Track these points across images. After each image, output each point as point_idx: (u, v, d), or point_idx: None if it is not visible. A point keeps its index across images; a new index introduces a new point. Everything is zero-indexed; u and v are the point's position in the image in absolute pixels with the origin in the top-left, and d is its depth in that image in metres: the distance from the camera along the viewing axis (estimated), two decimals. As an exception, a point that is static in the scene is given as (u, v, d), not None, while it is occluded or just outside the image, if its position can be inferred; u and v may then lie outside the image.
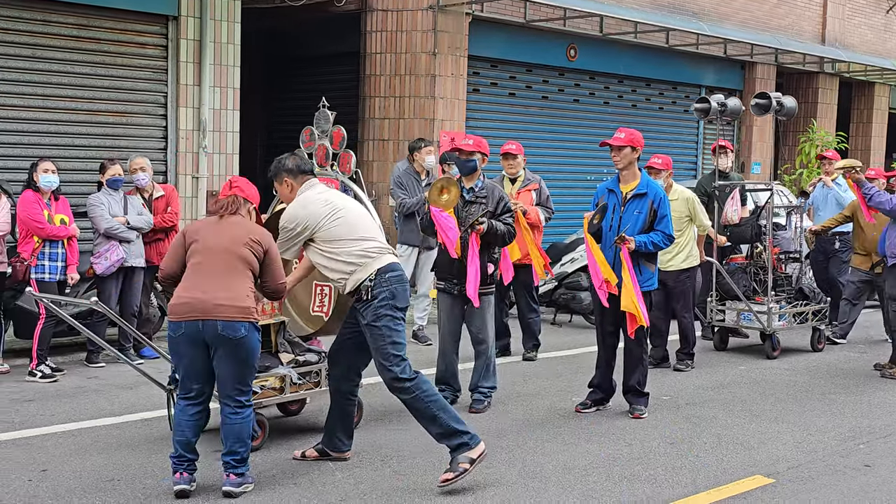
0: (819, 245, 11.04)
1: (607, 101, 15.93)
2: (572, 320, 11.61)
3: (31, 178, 8.13)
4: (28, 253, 7.98)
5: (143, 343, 7.12)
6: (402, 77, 13.15)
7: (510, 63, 14.36)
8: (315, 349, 6.61)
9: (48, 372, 7.96)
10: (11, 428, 6.56)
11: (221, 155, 10.90)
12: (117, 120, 10.33)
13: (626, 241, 6.91)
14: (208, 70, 10.64)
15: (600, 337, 7.37)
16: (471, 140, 7.29)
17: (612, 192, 7.24)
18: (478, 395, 7.32)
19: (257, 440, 6.06)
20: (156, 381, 6.29)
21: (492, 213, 7.13)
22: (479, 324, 7.26)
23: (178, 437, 5.32)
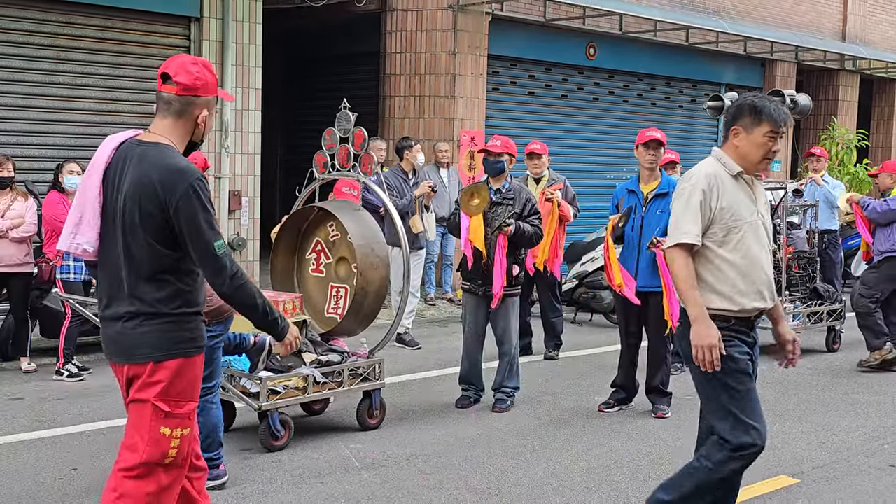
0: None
1: (627, 99, 15.91)
2: (593, 319, 11.63)
3: (57, 179, 8.23)
4: (53, 253, 8.08)
5: None
6: (422, 76, 13.19)
7: (530, 62, 14.37)
8: (338, 349, 6.66)
9: (75, 371, 8.06)
10: (41, 427, 6.65)
11: (243, 155, 10.97)
12: (141, 121, 10.39)
13: (660, 243, 6.92)
14: (230, 71, 10.71)
15: (623, 336, 7.40)
16: (499, 141, 7.31)
17: (632, 192, 7.25)
18: (501, 395, 7.36)
19: (282, 440, 6.12)
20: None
21: (518, 214, 7.17)
22: (504, 324, 7.30)
23: (219, 434, 5.38)
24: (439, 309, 12.17)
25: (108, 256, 3.68)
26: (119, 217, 3.61)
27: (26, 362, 8.30)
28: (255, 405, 6.01)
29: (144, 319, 3.59)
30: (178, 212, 3.53)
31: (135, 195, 3.57)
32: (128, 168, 3.63)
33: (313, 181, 7.16)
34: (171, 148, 3.65)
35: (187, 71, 3.68)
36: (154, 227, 3.56)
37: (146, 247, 3.57)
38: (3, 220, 8.15)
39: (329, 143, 7.06)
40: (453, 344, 9.80)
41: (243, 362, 6.12)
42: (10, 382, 7.89)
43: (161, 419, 3.58)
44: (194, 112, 3.71)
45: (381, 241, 6.74)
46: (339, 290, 6.84)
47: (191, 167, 3.59)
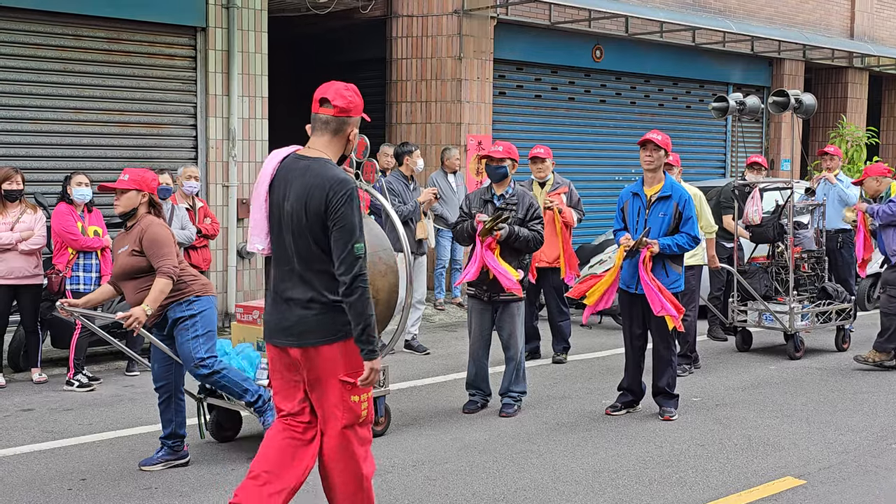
0: (825, 244, 10.83)
1: (634, 100, 15.91)
2: (602, 321, 11.63)
3: (65, 191, 8.31)
4: (63, 265, 8.15)
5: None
6: (429, 82, 13.24)
7: (536, 65, 14.40)
8: None
9: (85, 381, 8.13)
10: (50, 437, 6.71)
11: (251, 163, 11.03)
12: (148, 131, 10.49)
13: (649, 244, 6.94)
14: (237, 80, 10.76)
15: (628, 339, 7.41)
16: (501, 147, 7.35)
17: (636, 195, 7.27)
18: (508, 400, 7.38)
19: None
20: (188, 392, 6.39)
21: (521, 219, 7.19)
22: (509, 329, 7.32)
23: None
24: (448, 314, 12.20)
25: (279, 254, 4.33)
26: (287, 220, 4.24)
27: (37, 373, 8.37)
28: (261, 414, 6.04)
29: (317, 309, 4.23)
30: (335, 213, 4.15)
31: (300, 201, 4.19)
32: (292, 179, 4.25)
33: None
34: (330, 161, 4.29)
35: (342, 95, 4.37)
36: (318, 228, 4.19)
37: (312, 246, 4.21)
38: (13, 232, 8.21)
39: None
40: (461, 349, 9.81)
41: (248, 371, 6.15)
42: (21, 393, 7.95)
43: (349, 390, 4.29)
44: (347, 130, 4.37)
45: (387, 248, 6.72)
46: None
47: (347, 178, 4.23)
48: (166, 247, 5.76)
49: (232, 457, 6.21)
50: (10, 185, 8.28)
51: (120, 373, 8.63)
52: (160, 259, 5.70)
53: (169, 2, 10.34)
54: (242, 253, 10.99)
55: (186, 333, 5.77)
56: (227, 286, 10.91)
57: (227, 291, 10.89)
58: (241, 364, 6.15)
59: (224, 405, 6.29)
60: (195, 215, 9.10)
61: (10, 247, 8.18)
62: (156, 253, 5.72)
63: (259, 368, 6.17)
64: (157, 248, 5.74)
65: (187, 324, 5.76)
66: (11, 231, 8.21)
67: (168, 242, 5.80)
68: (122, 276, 5.82)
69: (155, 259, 5.71)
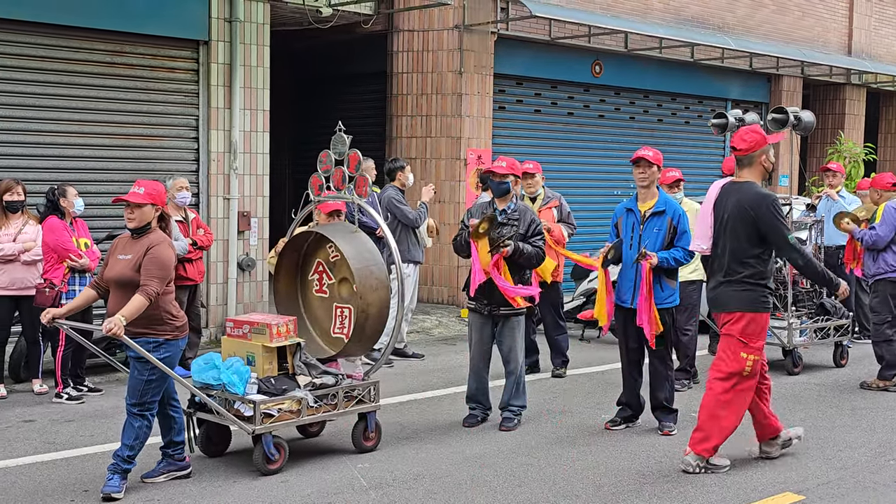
0: (826, 261, 10.81)
1: (633, 116, 15.99)
2: (600, 336, 11.65)
3: (56, 204, 8.24)
4: (58, 279, 8.11)
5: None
6: (429, 96, 13.30)
7: (535, 80, 14.47)
8: (333, 371, 6.64)
9: (75, 394, 8.13)
10: (52, 448, 6.73)
11: (252, 176, 11.08)
12: (151, 143, 10.54)
13: (648, 256, 6.99)
14: (238, 93, 10.82)
15: (624, 354, 7.44)
16: (504, 162, 7.38)
17: (630, 211, 7.33)
18: (508, 414, 7.41)
19: (277, 463, 6.14)
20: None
21: (523, 235, 7.24)
22: (510, 343, 7.36)
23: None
24: (447, 326, 12.24)
25: (717, 250, 6.33)
26: (725, 226, 6.24)
27: (38, 384, 8.38)
28: (250, 429, 6.03)
29: (734, 286, 6.20)
30: (763, 220, 6.11)
31: (735, 213, 6.19)
32: (729, 197, 6.25)
33: (309, 203, 7.24)
34: (755, 183, 6.26)
35: (743, 139, 6.25)
36: (746, 231, 6.16)
37: (740, 244, 6.17)
38: (15, 243, 8.25)
39: (324, 166, 7.10)
40: (461, 362, 9.86)
41: (237, 386, 6.13)
42: (23, 405, 7.97)
43: (741, 347, 6.19)
44: (758, 159, 6.27)
45: (379, 263, 6.78)
46: (343, 309, 6.88)
47: (769, 194, 6.21)
48: (162, 271, 5.71)
49: (231, 470, 6.23)
50: (12, 196, 8.31)
51: (121, 384, 8.64)
52: (149, 279, 5.65)
53: (172, 15, 10.40)
54: (243, 265, 11.02)
55: (142, 374, 5.74)
56: (227, 298, 10.94)
57: (227, 303, 10.92)
58: (232, 378, 6.11)
59: (214, 420, 6.27)
60: (188, 227, 9.07)
61: (12, 258, 8.22)
62: (149, 272, 5.67)
63: (249, 383, 6.16)
64: (153, 268, 5.68)
65: (148, 364, 5.71)
66: (14, 242, 8.25)
67: (167, 268, 5.75)
68: (116, 283, 5.78)
69: (144, 276, 5.66)
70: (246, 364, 6.30)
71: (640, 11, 15.10)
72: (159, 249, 5.76)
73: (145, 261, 5.70)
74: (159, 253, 5.74)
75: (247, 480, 6.00)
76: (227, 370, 6.19)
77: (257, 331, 6.40)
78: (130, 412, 5.77)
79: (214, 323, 10.81)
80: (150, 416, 5.82)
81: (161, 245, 5.78)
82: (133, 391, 5.75)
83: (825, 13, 18.57)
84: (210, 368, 6.24)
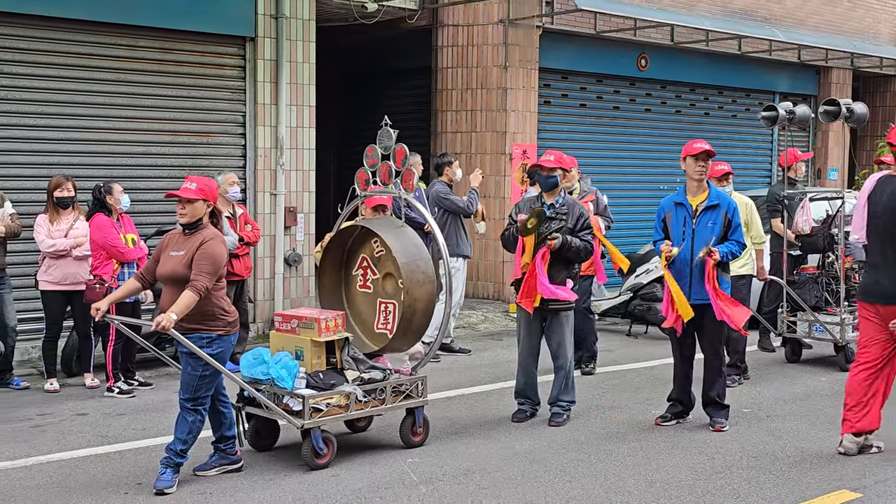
0: None
1: (679, 109, 15.84)
2: (648, 331, 11.57)
3: (102, 200, 8.32)
4: (109, 275, 8.20)
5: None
6: (474, 91, 13.27)
7: (581, 74, 14.39)
8: (380, 366, 6.63)
9: (126, 388, 8.23)
10: (106, 442, 6.81)
11: (298, 172, 11.13)
12: (198, 140, 10.62)
13: (713, 252, 6.90)
14: (285, 89, 10.87)
15: (677, 350, 7.36)
16: (552, 156, 7.33)
17: (679, 205, 7.23)
18: (557, 409, 7.37)
19: (325, 457, 6.15)
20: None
21: (571, 229, 7.18)
22: (559, 338, 7.32)
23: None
24: (493, 322, 12.22)
25: (872, 245, 6.45)
26: (878, 220, 6.35)
27: (90, 378, 8.49)
28: (298, 423, 6.05)
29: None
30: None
31: (889, 207, 6.29)
32: (884, 189, 6.35)
33: (355, 198, 7.22)
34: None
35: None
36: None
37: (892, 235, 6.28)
38: (66, 239, 8.34)
39: (371, 160, 7.09)
40: (507, 357, 9.84)
41: (286, 380, 6.16)
42: (75, 398, 8.08)
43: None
44: None
45: (425, 258, 6.74)
46: (387, 305, 6.86)
47: None
48: (213, 266, 5.72)
49: (280, 464, 6.26)
50: (62, 192, 8.39)
51: (171, 378, 8.71)
52: (199, 274, 5.66)
53: (219, 13, 10.47)
54: (290, 260, 11.07)
55: (196, 369, 5.77)
56: (273, 293, 11.00)
57: (274, 299, 10.98)
58: (280, 373, 6.13)
59: (263, 414, 6.30)
60: (236, 222, 9.14)
61: (64, 253, 8.32)
62: (200, 267, 5.69)
63: (298, 378, 6.18)
64: (204, 263, 5.70)
65: (200, 360, 5.74)
66: (65, 237, 8.35)
67: (217, 264, 5.76)
68: (169, 279, 5.82)
69: (195, 271, 5.68)
70: (294, 359, 6.32)
71: (686, 4, 14.94)
72: (211, 245, 5.78)
73: (196, 256, 5.73)
74: (211, 248, 5.77)
75: (297, 474, 6.02)
76: (275, 365, 6.22)
77: (305, 325, 6.42)
78: (184, 407, 5.81)
79: (262, 318, 10.88)
80: (203, 410, 5.86)
81: (213, 241, 5.81)
82: (186, 386, 5.79)
83: (876, 4, 18.25)
84: (259, 363, 6.27)
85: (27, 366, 9.05)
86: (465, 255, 9.89)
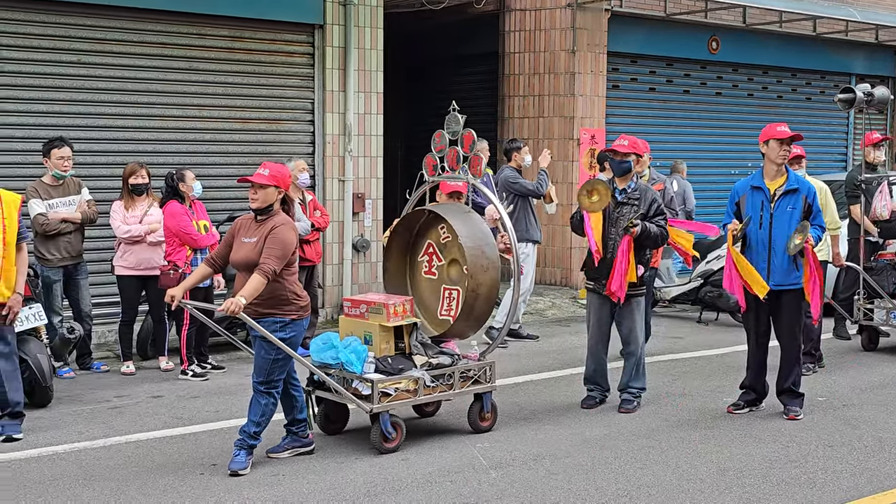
0: None
1: (751, 92, 15.59)
2: (718, 318, 11.43)
3: (175, 188, 8.46)
4: (182, 261, 8.36)
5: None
6: (542, 76, 13.22)
7: (650, 58, 14.23)
8: (448, 351, 6.66)
9: (199, 371, 8.39)
10: (180, 423, 6.95)
11: (366, 158, 11.20)
12: (268, 126, 10.76)
13: (809, 240, 6.81)
14: (353, 76, 10.94)
15: (752, 336, 7.26)
16: (626, 141, 7.26)
17: (757, 188, 7.12)
18: (627, 395, 7.34)
19: (393, 442, 6.20)
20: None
21: (644, 215, 7.13)
22: (629, 324, 7.27)
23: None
24: (560, 308, 12.18)
25: None
26: None
27: (165, 361, 8.67)
28: (367, 407, 6.11)
29: None
30: None
31: None
32: None
33: (423, 184, 7.24)
34: None
35: None
36: None
37: None
38: (141, 225, 8.51)
39: (438, 146, 7.10)
40: (575, 343, 9.81)
41: (355, 365, 6.22)
42: (151, 381, 8.26)
43: None
44: None
45: (491, 244, 6.74)
46: (451, 291, 6.87)
47: None
48: (282, 250, 5.78)
49: (351, 447, 6.33)
50: (136, 179, 8.55)
51: (243, 362, 8.86)
52: (268, 258, 5.72)
53: (289, 1, 10.56)
54: (358, 246, 11.16)
55: (269, 353, 5.84)
56: (342, 279, 11.11)
57: (343, 284, 11.09)
58: (349, 357, 6.20)
59: (332, 398, 6.37)
60: (305, 208, 9.25)
61: (139, 239, 8.49)
62: (269, 251, 5.75)
63: (367, 362, 6.24)
64: (274, 247, 5.76)
65: (273, 344, 5.81)
66: (140, 224, 8.52)
67: (287, 249, 5.82)
68: (243, 265, 5.91)
69: (264, 255, 5.74)
70: (363, 343, 6.38)
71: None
72: (282, 230, 5.85)
73: (267, 240, 5.81)
74: (281, 233, 5.84)
75: (368, 458, 6.09)
76: (344, 349, 6.29)
77: (374, 310, 6.47)
78: (257, 390, 5.91)
79: (330, 303, 11.00)
80: (276, 393, 5.95)
81: (284, 227, 5.88)
82: (260, 370, 5.88)
83: (957, -19, 17.71)
84: (328, 348, 6.34)
85: (103, 349, 9.28)
86: (534, 240, 9.87)
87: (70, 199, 8.48)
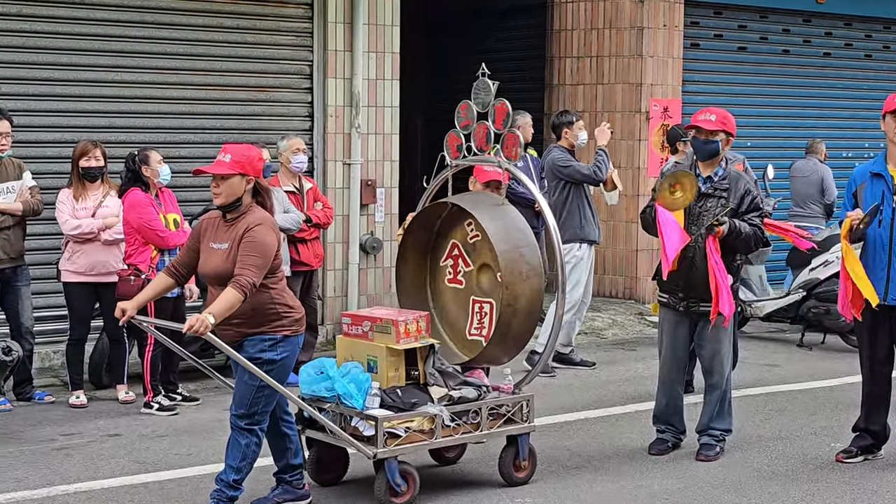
0: None
1: (869, 53, 15.55)
2: (825, 341, 11.39)
3: (137, 172, 8.48)
4: (146, 264, 8.37)
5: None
6: (601, 31, 13.22)
7: (740, 8, 14.21)
8: (475, 381, 6.63)
9: (166, 404, 8.43)
10: (143, 469, 7.01)
11: (378, 136, 11.23)
12: (254, 96, 10.80)
13: None
14: (361, 32, 10.97)
15: (867, 365, 7.25)
16: (713, 115, 7.19)
17: (877, 175, 7.10)
18: (707, 439, 7.34)
19: (404, 496, 6.18)
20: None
21: (734, 210, 7.11)
22: (714, 347, 7.26)
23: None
24: (623, 327, 12.19)
25: None
26: None
27: (123, 391, 8.72)
28: (370, 452, 6.08)
29: None
30: None
31: None
32: None
33: (445, 168, 7.19)
34: None
35: None
36: None
37: None
38: (94, 219, 8.53)
39: (464, 121, 7.03)
40: (643, 372, 9.82)
41: (355, 398, 6.18)
42: (106, 415, 8.33)
43: None
44: None
45: (531, 245, 6.70)
46: (482, 305, 6.83)
47: None
48: (262, 257, 5.77)
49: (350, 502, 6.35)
50: (89, 161, 8.51)
51: (222, 392, 8.90)
52: (244, 268, 5.69)
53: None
54: (367, 247, 11.17)
55: (253, 379, 5.83)
56: (346, 288, 11.11)
57: (348, 294, 11.09)
58: (348, 389, 6.18)
59: (327, 440, 6.37)
60: (302, 199, 9.26)
61: (91, 236, 8.50)
62: (245, 260, 5.72)
63: (370, 395, 6.24)
64: (250, 254, 5.73)
65: (261, 369, 5.82)
66: (92, 217, 8.53)
67: (268, 255, 5.81)
68: (214, 278, 5.90)
69: (239, 263, 5.72)
70: (366, 371, 6.37)
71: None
72: (258, 232, 5.79)
73: (241, 246, 5.78)
74: (257, 235, 5.78)
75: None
76: (341, 379, 6.26)
77: (380, 329, 6.43)
78: (237, 426, 5.94)
79: (331, 319, 11.01)
80: (259, 431, 5.98)
81: (261, 227, 5.83)
82: (241, 400, 5.91)
83: None
84: (322, 378, 6.32)
85: (48, 374, 9.37)
86: (590, 239, 9.85)
87: (8, 186, 8.56)
